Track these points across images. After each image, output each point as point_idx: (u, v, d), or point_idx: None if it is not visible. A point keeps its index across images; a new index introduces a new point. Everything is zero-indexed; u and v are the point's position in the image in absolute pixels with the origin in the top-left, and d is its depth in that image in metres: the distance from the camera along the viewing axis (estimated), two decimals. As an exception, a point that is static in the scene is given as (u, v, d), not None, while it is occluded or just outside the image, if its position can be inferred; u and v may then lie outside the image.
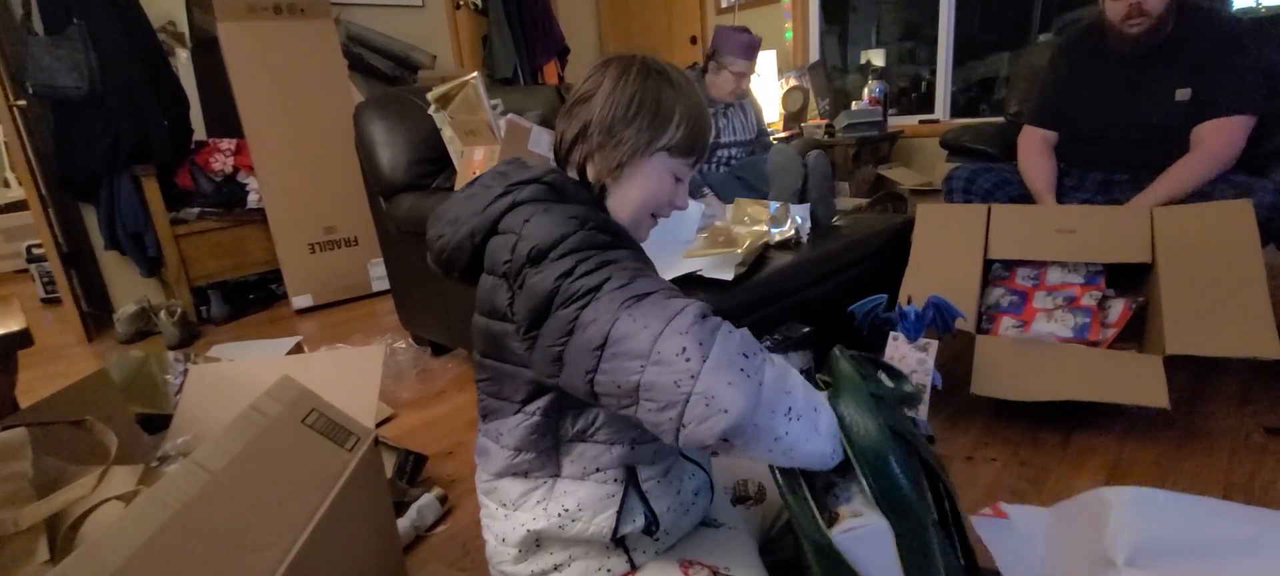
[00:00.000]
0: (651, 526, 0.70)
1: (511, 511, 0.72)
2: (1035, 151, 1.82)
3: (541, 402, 0.69)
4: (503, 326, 0.67)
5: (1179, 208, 1.47)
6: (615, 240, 0.62)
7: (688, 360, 0.51)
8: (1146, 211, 1.47)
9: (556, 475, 0.71)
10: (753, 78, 2.31)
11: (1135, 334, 1.48)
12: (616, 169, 0.71)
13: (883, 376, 0.75)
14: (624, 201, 0.73)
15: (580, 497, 0.69)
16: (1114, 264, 1.51)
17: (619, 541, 0.71)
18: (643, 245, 0.89)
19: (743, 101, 2.34)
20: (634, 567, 0.72)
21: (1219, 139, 1.54)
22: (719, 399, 0.51)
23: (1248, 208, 1.36)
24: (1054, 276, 1.58)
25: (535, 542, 0.72)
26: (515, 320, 0.63)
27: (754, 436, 0.53)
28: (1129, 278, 1.53)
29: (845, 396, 0.65)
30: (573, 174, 0.75)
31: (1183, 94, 1.59)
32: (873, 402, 0.64)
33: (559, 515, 0.69)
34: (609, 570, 0.71)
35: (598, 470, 0.70)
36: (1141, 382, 1.29)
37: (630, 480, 0.70)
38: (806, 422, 0.57)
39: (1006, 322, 1.55)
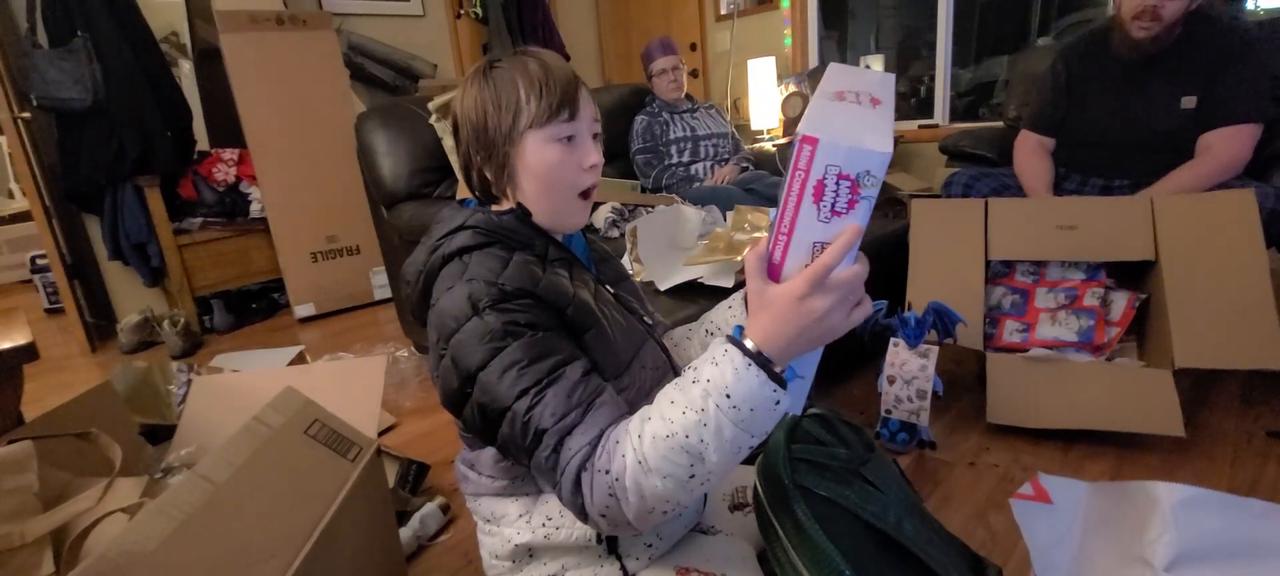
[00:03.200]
0: None
1: (498, 527, 0.73)
2: (1030, 153, 1.83)
3: None
4: None
5: (1180, 198, 1.46)
6: (509, 327, 0.60)
7: (583, 515, 0.58)
8: (1147, 202, 1.46)
9: (538, 490, 0.72)
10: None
11: (1137, 327, 1.47)
12: (504, 173, 0.71)
13: (846, 433, 0.74)
14: (531, 196, 0.71)
15: (561, 505, 0.70)
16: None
17: (610, 548, 0.71)
18: (644, 255, 0.89)
19: (709, 106, 2.61)
20: (628, 575, 0.72)
21: (1227, 147, 1.53)
22: (618, 528, 0.58)
23: (1249, 197, 1.35)
24: (1054, 272, 1.58)
25: (527, 554, 0.72)
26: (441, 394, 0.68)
27: (665, 519, 0.57)
28: (1131, 267, 1.52)
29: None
30: (500, 199, 0.74)
31: (1188, 102, 1.58)
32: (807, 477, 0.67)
33: (543, 525, 0.70)
34: None
35: None
36: (1156, 409, 1.30)
37: None
38: (710, 465, 0.54)
39: (1010, 327, 1.55)
